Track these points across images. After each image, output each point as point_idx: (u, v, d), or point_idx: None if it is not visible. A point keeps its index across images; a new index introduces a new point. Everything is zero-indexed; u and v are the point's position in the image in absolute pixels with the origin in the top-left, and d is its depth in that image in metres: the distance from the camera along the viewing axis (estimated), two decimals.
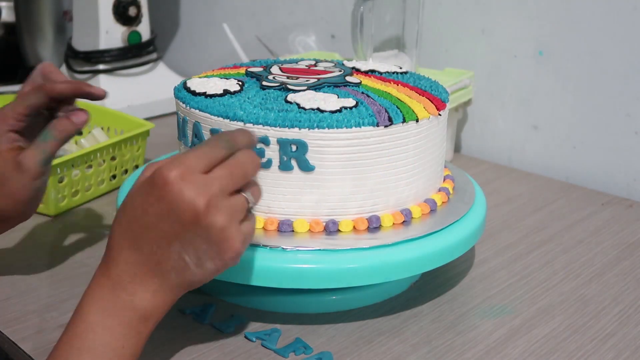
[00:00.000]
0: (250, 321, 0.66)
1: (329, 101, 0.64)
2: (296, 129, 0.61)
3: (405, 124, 0.63)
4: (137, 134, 0.94)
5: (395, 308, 0.69)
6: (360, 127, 0.62)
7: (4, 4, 1.46)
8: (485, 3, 1.06)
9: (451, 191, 0.72)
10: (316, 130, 0.61)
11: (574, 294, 0.72)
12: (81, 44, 1.26)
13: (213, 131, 0.65)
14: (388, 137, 0.63)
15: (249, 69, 0.75)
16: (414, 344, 0.63)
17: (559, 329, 0.66)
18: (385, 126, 0.62)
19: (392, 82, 0.73)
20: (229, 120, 0.63)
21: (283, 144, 0.62)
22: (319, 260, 0.61)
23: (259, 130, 0.62)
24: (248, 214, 0.54)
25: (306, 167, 0.62)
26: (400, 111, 0.64)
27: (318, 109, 0.63)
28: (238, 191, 0.54)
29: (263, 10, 1.39)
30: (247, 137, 0.55)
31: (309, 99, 0.65)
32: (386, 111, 0.64)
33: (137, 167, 0.96)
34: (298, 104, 0.64)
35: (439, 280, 0.73)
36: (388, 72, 0.76)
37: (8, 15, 1.45)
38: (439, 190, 0.71)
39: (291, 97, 0.66)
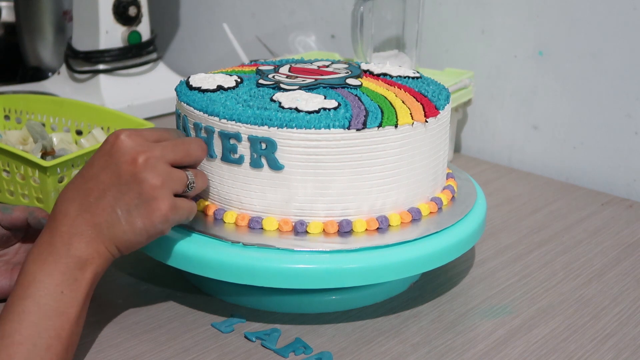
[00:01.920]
0: (250, 321, 0.66)
1: (311, 102, 0.64)
2: (265, 127, 0.62)
3: (381, 128, 0.62)
4: None
5: (395, 308, 0.69)
6: (329, 128, 0.61)
7: (4, 4, 1.46)
8: (485, 3, 1.06)
9: (445, 202, 0.70)
10: (285, 129, 0.61)
11: (573, 294, 0.72)
12: (81, 44, 1.26)
13: (195, 125, 0.66)
14: (361, 141, 0.62)
15: (259, 67, 0.76)
16: (414, 344, 0.63)
17: (559, 329, 0.66)
18: (358, 129, 0.62)
19: (395, 86, 0.72)
20: (207, 115, 0.64)
21: (253, 141, 0.62)
22: (320, 261, 0.61)
23: (231, 127, 0.63)
24: (187, 191, 0.61)
25: (275, 166, 0.62)
26: (382, 116, 0.63)
27: (296, 108, 0.63)
28: (182, 168, 0.61)
29: (263, 10, 1.39)
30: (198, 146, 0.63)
31: (291, 99, 0.64)
32: (366, 115, 0.63)
33: None
34: (279, 103, 0.64)
35: (439, 280, 0.73)
36: (400, 76, 0.75)
37: (8, 15, 1.45)
38: (431, 199, 0.69)
39: (277, 96, 0.66)
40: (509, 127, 1.08)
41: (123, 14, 1.24)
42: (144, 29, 1.28)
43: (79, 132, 1.03)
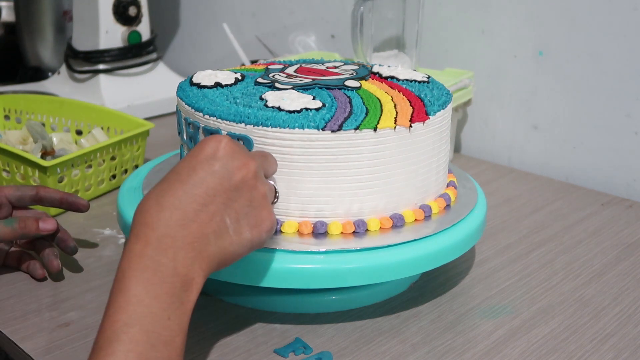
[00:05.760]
0: (250, 321, 0.66)
1: (296, 101, 0.64)
2: (243, 125, 0.62)
3: (358, 131, 0.61)
4: (137, 134, 0.94)
5: (395, 308, 0.69)
6: (303, 129, 0.61)
7: (4, 4, 1.46)
8: (485, 3, 1.06)
9: (435, 211, 0.68)
10: (260, 127, 0.61)
11: (573, 294, 0.72)
12: (81, 44, 1.26)
13: (185, 120, 0.67)
14: (336, 143, 0.61)
15: (269, 66, 0.76)
16: (413, 344, 0.63)
17: (559, 329, 0.66)
18: (333, 131, 0.61)
19: (396, 89, 0.71)
20: (194, 110, 0.65)
21: (231, 138, 0.62)
22: (319, 261, 0.61)
23: (213, 123, 0.63)
24: (274, 202, 0.59)
25: None
26: (365, 118, 0.62)
27: (279, 107, 0.63)
28: None
29: (263, 10, 1.39)
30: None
31: (277, 98, 0.65)
32: (347, 117, 0.62)
33: (136, 166, 0.96)
34: (265, 101, 0.64)
35: (439, 280, 0.73)
36: (406, 79, 0.73)
37: (8, 15, 1.45)
38: (419, 207, 0.67)
39: (266, 94, 0.66)
40: (509, 127, 1.08)
41: (123, 14, 1.24)
42: (144, 29, 1.28)
43: (79, 132, 1.03)
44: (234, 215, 0.53)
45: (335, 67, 0.76)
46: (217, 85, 0.69)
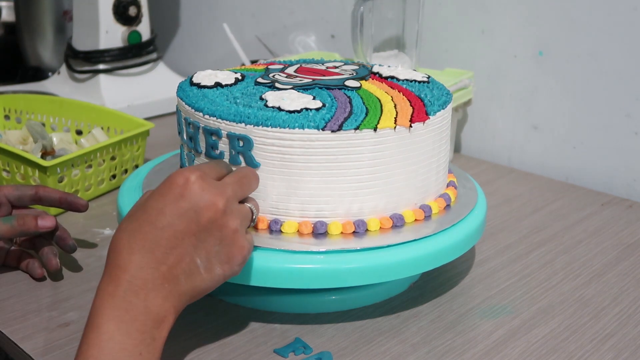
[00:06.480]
0: (251, 321, 0.66)
1: (296, 101, 0.64)
2: (243, 125, 0.62)
3: (358, 131, 0.61)
4: (137, 134, 0.94)
5: (395, 308, 0.69)
6: (303, 129, 0.61)
7: (4, 4, 1.46)
8: (485, 3, 1.06)
9: (435, 210, 0.68)
10: (260, 127, 0.61)
11: (573, 294, 0.72)
12: (81, 43, 1.26)
13: (185, 119, 0.67)
14: (336, 143, 0.61)
15: (269, 66, 0.76)
16: (413, 344, 0.63)
17: (559, 329, 0.66)
18: (333, 131, 0.61)
19: (397, 89, 0.70)
20: (194, 110, 0.65)
21: (232, 138, 0.63)
22: (319, 261, 0.61)
23: (213, 123, 0.63)
24: (251, 225, 0.59)
25: (251, 164, 0.63)
26: (365, 118, 0.62)
27: (279, 107, 0.63)
28: (242, 202, 0.58)
29: (263, 10, 1.39)
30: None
31: (277, 98, 0.65)
32: (347, 117, 0.62)
33: (137, 166, 0.96)
34: (266, 101, 0.64)
35: (439, 280, 0.73)
36: (407, 79, 0.73)
37: (8, 15, 1.45)
38: (419, 207, 0.67)
39: (266, 94, 0.66)
40: (509, 127, 1.08)
41: (123, 14, 1.24)
42: (144, 29, 1.28)
43: (79, 132, 1.03)
44: (204, 254, 0.54)
45: (335, 67, 0.76)
46: (217, 85, 0.69)
